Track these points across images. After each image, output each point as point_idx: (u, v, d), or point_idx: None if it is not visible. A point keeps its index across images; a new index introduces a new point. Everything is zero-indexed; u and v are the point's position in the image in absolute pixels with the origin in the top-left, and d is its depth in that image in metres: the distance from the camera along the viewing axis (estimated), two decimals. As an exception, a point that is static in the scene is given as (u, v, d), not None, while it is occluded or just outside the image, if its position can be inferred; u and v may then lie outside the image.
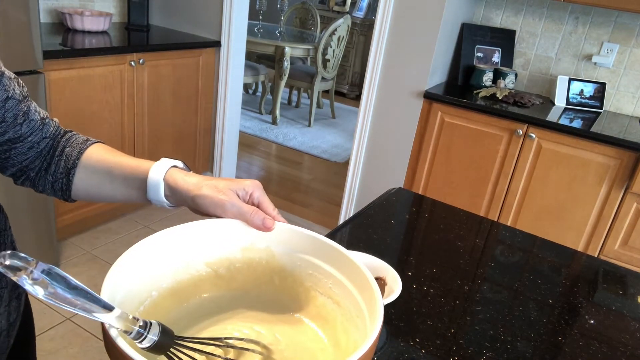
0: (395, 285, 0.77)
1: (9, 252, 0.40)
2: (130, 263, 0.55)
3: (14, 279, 0.40)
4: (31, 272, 0.40)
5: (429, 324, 0.79)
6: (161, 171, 0.62)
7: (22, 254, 0.41)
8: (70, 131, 0.71)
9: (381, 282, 0.79)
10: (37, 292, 0.40)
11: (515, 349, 0.76)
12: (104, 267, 2.30)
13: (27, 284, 0.40)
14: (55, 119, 0.71)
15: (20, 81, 0.66)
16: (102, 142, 0.71)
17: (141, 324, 0.45)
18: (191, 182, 0.61)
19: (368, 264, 0.81)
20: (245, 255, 0.66)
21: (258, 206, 0.62)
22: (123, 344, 0.42)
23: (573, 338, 0.81)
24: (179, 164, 0.64)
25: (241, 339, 0.57)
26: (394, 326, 0.77)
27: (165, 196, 0.62)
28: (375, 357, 0.70)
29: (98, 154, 0.67)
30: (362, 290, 0.58)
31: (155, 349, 0.47)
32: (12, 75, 0.64)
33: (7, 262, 0.40)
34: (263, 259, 0.66)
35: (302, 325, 0.64)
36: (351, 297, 0.60)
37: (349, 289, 0.60)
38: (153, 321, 0.47)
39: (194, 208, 0.62)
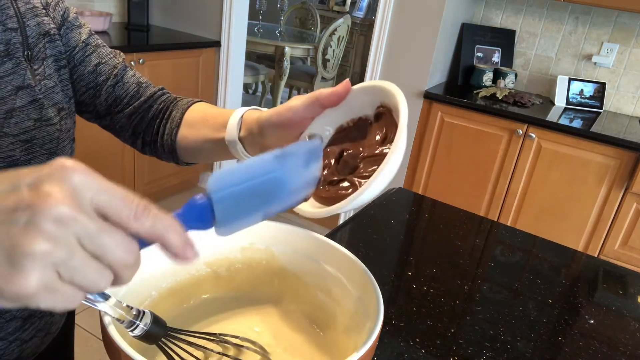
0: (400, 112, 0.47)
1: None
2: (130, 263, 0.55)
3: None
4: None
5: (429, 324, 0.79)
6: (242, 110, 0.61)
7: None
8: (180, 97, 0.74)
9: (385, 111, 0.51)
10: None
11: (515, 349, 0.76)
12: (104, 267, 2.29)
13: None
14: (160, 87, 0.75)
15: (122, 53, 0.73)
16: (205, 101, 0.73)
17: (135, 312, 0.46)
18: (260, 113, 0.58)
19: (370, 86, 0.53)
20: (245, 255, 0.66)
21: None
22: (113, 331, 0.44)
23: (573, 338, 0.81)
24: (264, 109, 0.62)
25: (237, 337, 0.57)
26: (394, 326, 0.77)
27: (242, 138, 0.60)
28: (375, 357, 0.70)
29: (197, 109, 0.70)
30: (362, 290, 0.58)
31: (145, 337, 0.47)
32: (117, 51, 0.73)
33: None
34: (263, 259, 0.66)
35: (301, 325, 0.64)
36: (351, 297, 0.60)
37: (349, 289, 0.60)
38: (146, 310, 0.48)
39: (263, 143, 0.58)
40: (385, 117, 0.50)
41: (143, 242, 0.34)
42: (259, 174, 0.40)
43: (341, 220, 2.90)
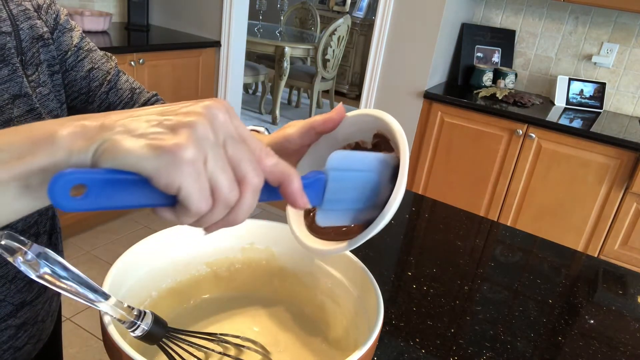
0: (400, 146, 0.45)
1: (5, 232, 0.40)
2: (130, 263, 0.55)
3: (10, 259, 0.39)
4: (25, 253, 0.40)
5: (429, 324, 0.79)
6: None
7: (18, 236, 0.40)
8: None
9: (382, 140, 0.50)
10: (30, 273, 0.40)
11: (515, 349, 0.76)
12: (104, 267, 2.29)
13: (22, 265, 0.40)
14: (153, 92, 0.74)
15: (113, 57, 0.72)
16: None
17: (136, 313, 0.46)
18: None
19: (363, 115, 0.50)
20: (245, 255, 0.66)
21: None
22: (113, 331, 0.43)
23: (573, 338, 0.81)
24: (261, 129, 0.60)
25: (237, 337, 0.57)
26: (394, 326, 0.77)
27: None
28: (375, 357, 0.70)
29: None
30: (362, 290, 0.58)
31: (146, 337, 0.47)
32: (108, 54, 0.71)
33: (3, 242, 0.39)
34: (263, 259, 0.66)
35: (301, 324, 0.64)
36: (351, 297, 0.60)
37: (349, 289, 0.60)
38: (147, 311, 0.48)
39: None
40: (381, 147, 0.49)
41: (264, 192, 0.36)
42: (367, 168, 0.43)
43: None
